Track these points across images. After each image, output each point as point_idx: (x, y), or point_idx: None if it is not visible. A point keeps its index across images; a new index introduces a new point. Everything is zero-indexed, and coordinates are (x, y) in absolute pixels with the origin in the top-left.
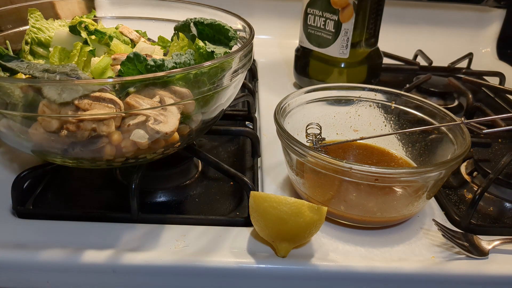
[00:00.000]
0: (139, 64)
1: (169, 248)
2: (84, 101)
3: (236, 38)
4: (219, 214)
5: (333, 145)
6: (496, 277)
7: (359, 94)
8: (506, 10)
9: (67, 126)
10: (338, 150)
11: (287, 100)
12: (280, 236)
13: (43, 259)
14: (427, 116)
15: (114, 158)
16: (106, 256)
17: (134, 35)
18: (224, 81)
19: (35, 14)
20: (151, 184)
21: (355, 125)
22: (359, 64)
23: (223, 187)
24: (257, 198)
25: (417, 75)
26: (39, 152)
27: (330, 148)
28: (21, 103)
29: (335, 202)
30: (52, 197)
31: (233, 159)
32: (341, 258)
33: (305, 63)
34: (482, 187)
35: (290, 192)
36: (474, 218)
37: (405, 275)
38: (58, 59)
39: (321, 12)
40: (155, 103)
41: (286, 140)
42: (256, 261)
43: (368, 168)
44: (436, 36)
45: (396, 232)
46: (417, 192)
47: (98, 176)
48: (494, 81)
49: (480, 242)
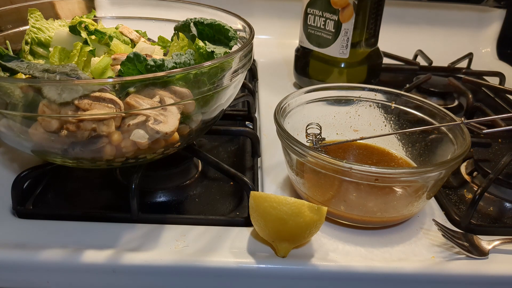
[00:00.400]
0: (139, 64)
1: (169, 248)
2: (84, 101)
3: (236, 38)
4: (219, 214)
5: (333, 145)
6: (496, 277)
7: (359, 94)
8: (506, 10)
9: (67, 126)
10: (338, 150)
11: (287, 100)
12: (280, 236)
13: (43, 259)
14: (427, 116)
15: (114, 158)
16: (106, 256)
17: (134, 35)
18: (224, 81)
19: (35, 14)
20: (151, 184)
21: (355, 125)
22: (359, 64)
23: (223, 187)
24: (257, 198)
25: (417, 75)
26: (39, 152)
27: (330, 148)
28: (21, 103)
29: (335, 202)
30: (52, 197)
31: (233, 159)
32: (341, 258)
33: (305, 63)
34: (482, 187)
35: (290, 192)
36: (474, 218)
37: (405, 275)
38: (58, 59)
39: (321, 12)
40: (155, 103)
41: (286, 140)
42: (256, 261)
43: (368, 168)
44: (436, 36)
45: (396, 232)
46: (417, 192)
47: (98, 176)
48: (494, 81)
49: (480, 242)
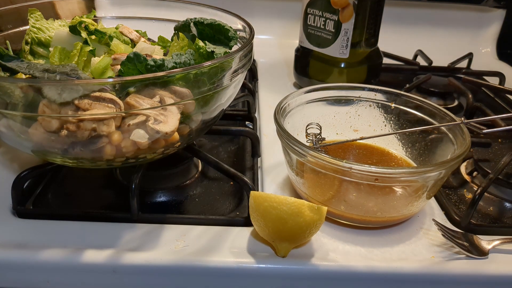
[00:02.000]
0: (139, 64)
1: (169, 248)
2: (84, 101)
3: (236, 38)
4: (219, 214)
5: (333, 145)
6: (496, 277)
7: (359, 94)
8: (506, 10)
9: (67, 126)
10: (338, 150)
11: (287, 100)
12: (280, 236)
13: (43, 259)
14: (427, 116)
15: (114, 158)
16: (106, 256)
17: (134, 35)
18: (224, 81)
19: (35, 14)
20: (151, 184)
21: (355, 125)
22: (359, 64)
23: (223, 187)
24: (257, 198)
25: (417, 75)
26: (39, 152)
27: (330, 148)
28: (21, 103)
29: (335, 202)
30: (52, 197)
31: (233, 159)
32: (341, 258)
33: (305, 63)
34: (482, 187)
35: (290, 192)
36: (474, 218)
37: (405, 275)
38: (58, 59)
39: (321, 12)
40: (155, 103)
41: (286, 140)
42: (256, 261)
43: (368, 168)
44: (436, 36)
45: (396, 232)
46: (417, 192)
47: (98, 176)
48: (494, 81)
49: (480, 242)
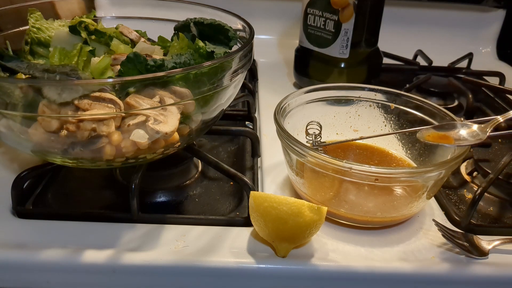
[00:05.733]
0: (139, 64)
1: (169, 248)
2: (84, 101)
3: (236, 38)
4: (219, 214)
5: (333, 145)
6: (496, 277)
7: (359, 94)
8: (506, 10)
9: (67, 126)
10: (338, 150)
11: (287, 100)
12: (280, 236)
13: (43, 259)
14: (427, 116)
15: (114, 158)
16: (106, 256)
17: (134, 35)
18: (224, 81)
19: (35, 14)
20: (151, 184)
21: (355, 125)
22: (359, 64)
23: (223, 187)
24: (257, 198)
25: (417, 75)
26: (39, 152)
27: (330, 148)
28: (21, 103)
29: (335, 202)
30: (52, 197)
31: (233, 159)
32: (341, 258)
33: (305, 63)
34: (482, 187)
35: (290, 192)
36: (474, 218)
37: (405, 275)
38: (58, 59)
39: (321, 12)
40: (155, 103)
41: (286, 140)
42: (256, 261)
43: (368, 168)
44: (436, 36)
45: (396, 232)
46: (417, 192)
47: (98, 176)
48: (494, 81)
49: (480, 242)
